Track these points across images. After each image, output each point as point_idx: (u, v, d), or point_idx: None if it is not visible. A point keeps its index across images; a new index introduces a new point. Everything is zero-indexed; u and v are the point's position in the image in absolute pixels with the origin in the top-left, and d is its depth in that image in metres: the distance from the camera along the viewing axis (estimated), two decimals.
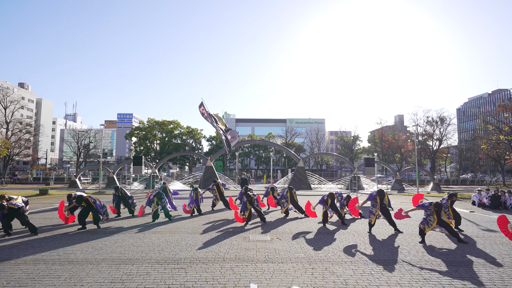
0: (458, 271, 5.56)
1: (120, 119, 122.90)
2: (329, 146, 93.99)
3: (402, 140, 58.90)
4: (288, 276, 5.20)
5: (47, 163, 65.79)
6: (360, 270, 5.55)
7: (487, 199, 15.49)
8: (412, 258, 6.30)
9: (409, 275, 5.30)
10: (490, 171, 64.78)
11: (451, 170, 72.48)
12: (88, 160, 64.50)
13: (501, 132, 39.43)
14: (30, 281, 4.92)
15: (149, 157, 56.90)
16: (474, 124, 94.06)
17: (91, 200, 9.25)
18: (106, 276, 5.16)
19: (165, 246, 7.10)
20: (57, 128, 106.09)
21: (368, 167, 24.93)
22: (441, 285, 4.90)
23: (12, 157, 46.17)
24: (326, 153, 64.70)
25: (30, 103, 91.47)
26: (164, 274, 5.27)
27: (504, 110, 40.51)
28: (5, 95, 52.31)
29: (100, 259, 6.12)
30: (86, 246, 7.11)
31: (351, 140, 67.02)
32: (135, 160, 23.03)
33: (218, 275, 5.24)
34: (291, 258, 6.26)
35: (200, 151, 63.84)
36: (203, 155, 47.74)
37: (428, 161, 54.88)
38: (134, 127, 64.44)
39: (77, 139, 59.55)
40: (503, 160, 41.83)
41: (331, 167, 76.70)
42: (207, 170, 26.97)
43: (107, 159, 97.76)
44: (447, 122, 49.27)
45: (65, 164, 74.99)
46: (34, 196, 20.41)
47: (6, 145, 40.31)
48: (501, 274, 5.43)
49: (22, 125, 55.14)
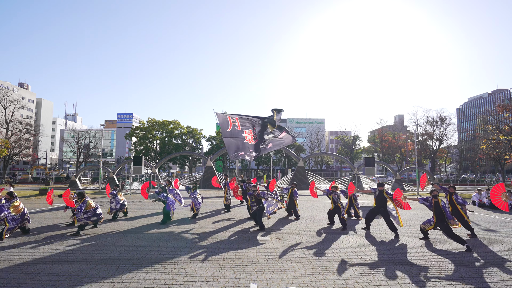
0: (458, 271, 5.56)
1: (120, 119, 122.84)
2: (329, 146, 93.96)
3: (402, 140, 58.90)
4: (288, 276, 5.19)
5: (47, 163, 65.77)
6: (360, 270, 5.55)
7: (487, 199, 15.48)
8: (412, 258, 6.30)
9: (409, 275, 5.29)
10: (490, 171, 64.82)
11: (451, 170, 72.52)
12: (88, 160, 64.46)
13: (501, 132, 39.45)
14: (30, 281, 4.92)
15: (149, 157, 56.90)
16: (474, 124, 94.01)
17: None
18: (106, 276, 5.16)
19: (165, 246, 7.10)
20: (57, 128, 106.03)
21: (368, 167, 24.94)
22: (441, 285, 4.90)
23: (12, 157, 46.18)
24: (326, 153, 64.70)
25: (30, 103, 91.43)
26: (164, 274, 5.26)
27: (504, 110, 40.53)
28: (5, 95, 52.31)
29: (100, 259, 6.12)
30: (85, 246, 7.11)
31: (351, 140, 67.00)
32: (135, 160, 23.03)
33: (218, 275, 5.24)
34: (291, 258, 6.26)
35: (200, 151, 63.86)
36: (203, 155, 47.75)
37: (428, 161, 54.89)
38: (134, 127, 64.48)
39: (77, 139, 59.54)
40: (503, 160, 41.84)
41: (331, 167, 76.71)
42: (207, 170, 26.97)
43: (107, 159, 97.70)
44: (447, 122, 49.31)
45: (65, 164, 75.02)
46: (34, 196, 20.42)
47: (6, 145, 40.29)
48: (501, 274, 5.43)
49: (22, 125, 55.14)
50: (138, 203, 16.55)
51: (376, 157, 48.30)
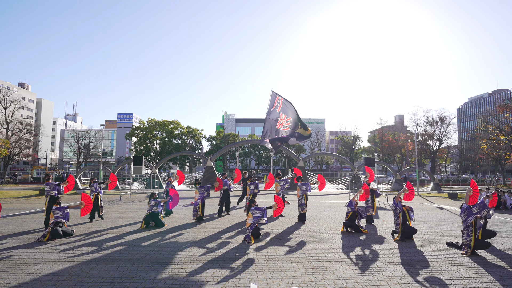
0: (458, 271, 5.56)
1: (120, 119, 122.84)
2: (329, 146, 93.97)
3: (402, 140, 58.86)
4: (288, 276, 5.19)
5: (47, 163, 65.75)
6: (360, 270, 5.55)
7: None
8: (412, 258, 6.30)
9: (409, 275, 5.29)
10: (490, 171, 64.78)
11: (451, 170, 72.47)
12: (88, 160, 64.52)
13: (501, 132, 39.42)
14: (30, 281, 4.92)
15: (149, 157, 56.93)
16: (474, 124, 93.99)
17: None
18: (106, 276, 5.16)
19: (165, 246, 7.10)
20: (57, 128, 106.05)
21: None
22: (441, 285, 4.90)
23: (12, 157, 46.21)
24: (326, 153, 64.67)
25: (30, 103, 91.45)
26: (164, 274, 5.26)
27: (504, 110, 40.49)
28: (5, 95, 52.34)
29: (100, 259, 6.12)
30: (86, 246, 7.11)
31: (351, 140, 66.98)
32: (135, 160, 22.99)
33: (218, 275, 5.24)
34: (291, 258, 6.26)
35: (200, 151, 63.88)
36: (203, 155, 47.75)
37: (428, 161, 54.88)
38: (134, 127, 64.49)
39: (77, 139, 59.57)
40: (503, 160, 41.81)
41: (331, 167, 76.71)
42: (207, 170, 26.96)
43: (107, 159, 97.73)
44: (447, 122, 49.33)
45: (65, 164, 75.00)
46: (34, 196, 20.43)
47: (6, 145, 40.30)
48: (501, 274, 5.43)
49: (22, 125, 55.14)
50: (138, 203, 16.56)
51: (376, 157, 48.22)
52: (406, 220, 8.00)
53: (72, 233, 8.34)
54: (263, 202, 14.71)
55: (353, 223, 8.87)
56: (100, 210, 10.94)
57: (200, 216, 10.60)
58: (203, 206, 10.72)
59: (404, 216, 8.00)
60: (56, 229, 7.91)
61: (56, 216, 8.16)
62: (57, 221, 8.10)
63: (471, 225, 6.76)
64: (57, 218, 8.14)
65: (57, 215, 8.17)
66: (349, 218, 8.94)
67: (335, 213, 12.83)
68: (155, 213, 9.59)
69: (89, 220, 10.49)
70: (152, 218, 9.51)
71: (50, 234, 7.75)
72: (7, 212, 12.55)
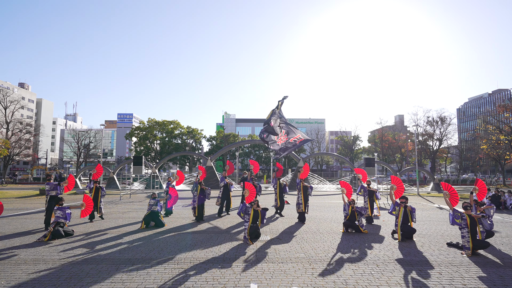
0: (458, 271, 5.56)
1: (120, 119, 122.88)
2: (329, 146, 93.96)
3: (402, 140, 58.87)
4: (288, 276, 5.19)
5: (47, 163, 65.75)
6: (360, 270, 5.55)
7: (487, 199, 15.44)
8: (412, 258, 6.29)
9: (409, 275, 5.29)
10: (490, 171, 64.78)
11: (451, 170, 72.47)
12: (88, 160, 64.48)
13: (501, 132, 39.42)
14: (30, 281, 4.92)
15: (149, 157, 56.92)
16: (474, 124, 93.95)
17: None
18: (106, 276, 5.16)
19: (165, 246, 7.10)
20: (57, 128, 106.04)
21: (368, 167, 24.88)
22: (441, 285, 4.90)
23: (12, 157, 46.19)
24: (326, 153, 64.67)
25: (30, 103, 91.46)
26: (164, 274, 5.26)
27: (504, 110, 40.50)
28: (5, 95, 52.36)
29: (100, 259, 6.12)
30: (86, 246, 7.11)
31: (351, 140, 66.96)
32: (135, 160, 23.01)
33: (218, 275, 5.23)
34: (291, 258, 6.26)
35: (200, 151, 63.85)
36: (203, 155, 47.75)
37: (428, 161, 54.84)
38: (134, 127, 64.46)
39: (77, 139, 59.57)
40: (503, 160, 41.80)
41: (331, 167, 76.71)
42: (207, 170, 26.94)
43: (107, 159, 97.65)
44: (447, 122, 49.28)
45: (65, 164, 75.00)
46: (34, 196, 20.43)
47: (6, 145, 40.30)
48: (501, 274, 5.43)
49: (22, 125, 55.15)
50: (138, 203, 16.57)
51: (376, 157, 48.18)
52: (407, 221, 8.02)
53: (72, 233, 8.35)
54: (263, 203, 14.70)
55: (353, 223, 8.87)
56: (99, 210, 10.89)
57: (200, 216, 10.63)
58: (203, 207, 10.74)
59: (405, 216, 8.00)
60: (58, 230, 7.92)
61: (57, 216, 8.18)
62: (57, 221, 8.11)
63: (466, 227, 6.77)
64: (58, 218, 8.15)
65: (58, 215, 8.19)
66: (349, 218, 8.94)
67: (335, 213, 12.84)
68: (154, 212, 9.60)
69: (89, 220, 10.50)
70: (152, 218, 9.52)
71: (51, 234, 7.76)
72: (7, 212, 12.55)
